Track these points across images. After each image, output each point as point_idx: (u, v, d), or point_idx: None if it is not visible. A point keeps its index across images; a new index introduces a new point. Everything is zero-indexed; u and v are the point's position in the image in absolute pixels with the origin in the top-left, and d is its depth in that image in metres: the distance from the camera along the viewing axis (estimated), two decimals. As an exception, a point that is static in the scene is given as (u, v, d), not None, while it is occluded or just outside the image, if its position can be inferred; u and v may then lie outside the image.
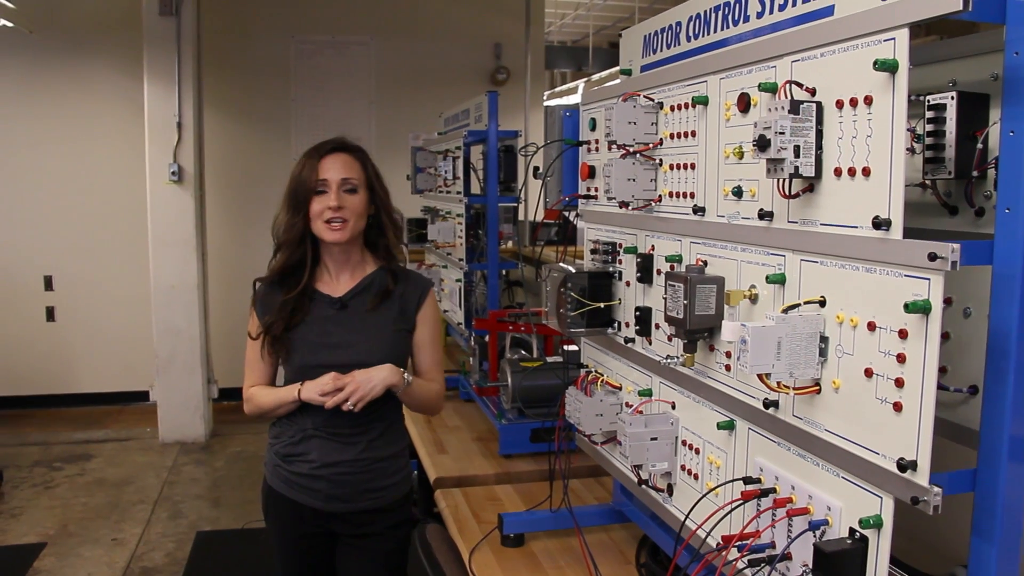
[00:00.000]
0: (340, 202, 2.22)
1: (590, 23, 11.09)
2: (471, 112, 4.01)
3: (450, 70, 7.37)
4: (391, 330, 2.33)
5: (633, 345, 1.95)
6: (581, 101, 2.25)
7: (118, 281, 7.01)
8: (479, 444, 3.15)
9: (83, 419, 6.87)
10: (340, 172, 2.24)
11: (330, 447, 2.28)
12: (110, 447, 6.28)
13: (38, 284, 7.04)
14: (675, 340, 1.75)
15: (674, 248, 1.75)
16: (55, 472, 5.74)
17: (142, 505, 5.19)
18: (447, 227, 3.96)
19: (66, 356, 7.12)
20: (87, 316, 7.10)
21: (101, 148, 6.93)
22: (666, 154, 1.79)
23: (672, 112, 1.76)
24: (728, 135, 1.55)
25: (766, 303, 1.44)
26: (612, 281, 2.04)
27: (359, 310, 2.32)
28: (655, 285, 1.84)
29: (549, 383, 3.02)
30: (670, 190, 1.77)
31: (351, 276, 2.36)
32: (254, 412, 2.36)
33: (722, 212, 1.57)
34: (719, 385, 1.60)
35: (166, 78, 6.04)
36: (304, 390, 2.22)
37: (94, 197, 6.98)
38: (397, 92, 7.28)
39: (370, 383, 2.19)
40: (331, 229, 2.23)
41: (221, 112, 6.90)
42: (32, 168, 6.89)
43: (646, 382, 1.91)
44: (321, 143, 2.29)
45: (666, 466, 1.77)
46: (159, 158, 6.09)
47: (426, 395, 2.38)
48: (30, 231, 6.94)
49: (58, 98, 6.84)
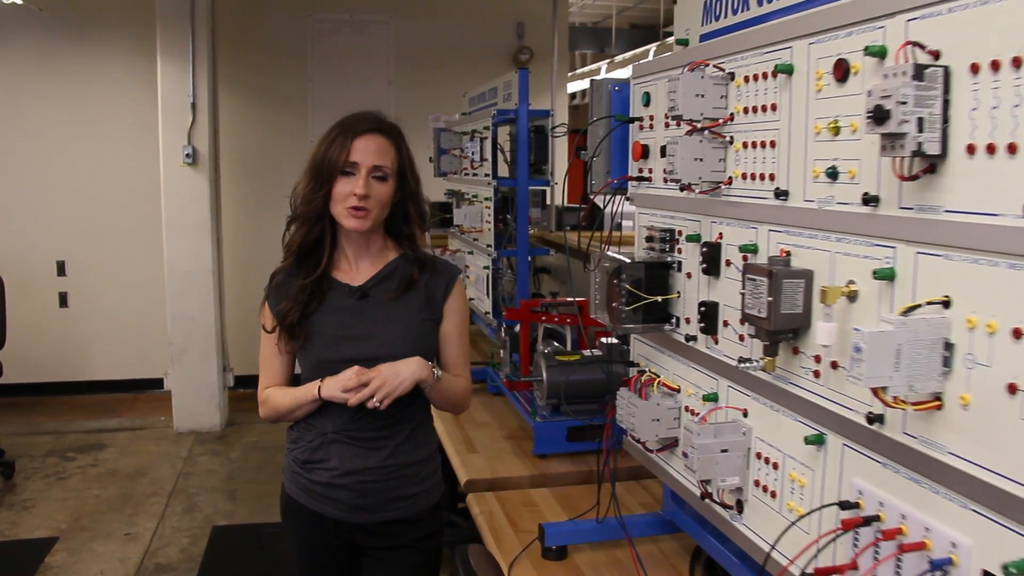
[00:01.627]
0: (367, 190, 2.02)
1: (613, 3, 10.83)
2: (499, 91, 3.81)
3: (471, 50, 7.17)
4: (417, 320, 2.14)
5: (695, 344, 1.76)
6: (632, 74, 2.05)
7: (132, 267, 6.86)
8: (511, 443, 2.97)
9: (97, 407, 6.75)
10: (373, 158, 2.04)
11: (352, 453, 2.09)
12: (124, 436, 6.14)
13: (51, 270, 6.90)
14: (748, 340, 1.56)
15: (748, 236, 1.55)
16: (68, 462, 5.61)
17: (156, 498, 5.04)
18: (474, 211, 3.76)
19: (79, 343, 6.99)
20: (100, 302, 6.96)
21: (114, 130, 6.76)
22: (738, 131, 1.59)
23: (746, 83, 1.56)
24: (819, 108, 1.35)
25: (868, 302, 1.24)
26: (670, 272, 1.84)
27: (381, 299, 2.13)
28: (723, 278, 1.64)
29: (587, 378, 2.83)
30: (743, 171, 1.57)
31: (371, 263, 2.16)
32: (270, 415, 2.18)
33: (811, 196, 1.37)
34: (805, 393, 1.40)
35: (180, 57, 5.86)
36: (325, 387, 2.03)
37: (107, 180, 6.82)
38: (417, 72, 7.08)
39: (398, 377, 2.00)
40: (352, 216, 2.04)
41: (236, 93, 6.73)
42: (43, 151, 6.73)
43: (711, 385, 1.72)
44: (356, 119, 2.08)
45: (736, 481, 1.58)
46: (173, 140, 5.92)
47: (454, 392, 2.19)
48: (42, 215, 6.80)
49: (69, 78, 6.68)
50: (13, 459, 5.44)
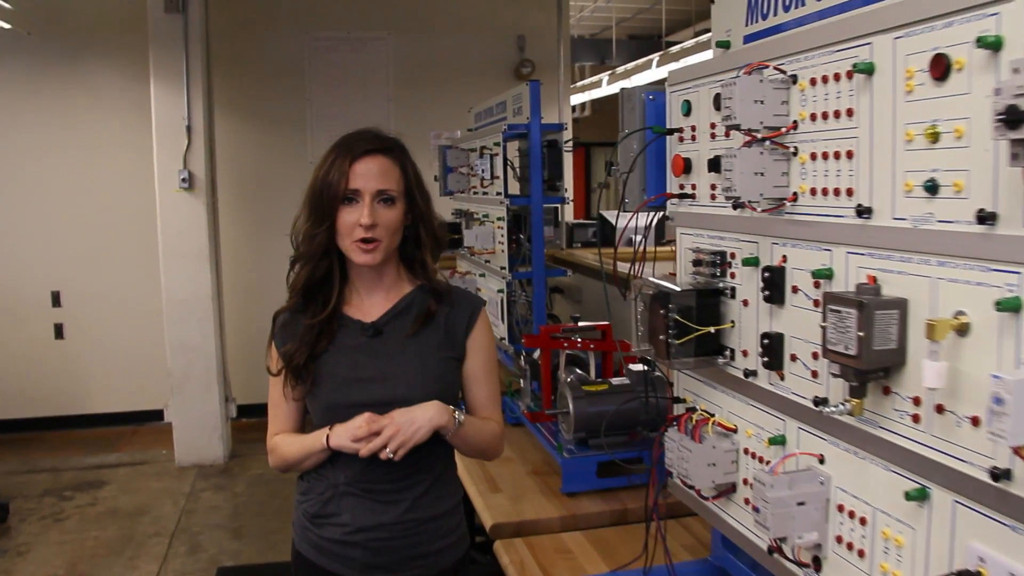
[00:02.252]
0: (374, 218, 1.83)
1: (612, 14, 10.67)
2: (508, 104, 3.63)
3: (472, 65, 7.01)
4: (436, 359, 1.95)
5: (756, 379, 1.57)
6: (668, 82, 1.87)
7: (129, 295, 6.67)
8: (536, 479, 2.78)
9: (95, 442, 6.54)
10: (376, 181, 1.85)
11: (366, 507, 1.90)
12: (124, 472, 5.93)
13: (45, 300, 6.71)
14: (824, 377, 1.37)
15: (821, 260, 1.37)
16: (65, 502, 5.39)
17: (158, 538, 4.83)
18: (485, 232, 3.58)
19: (76, 375, 6.79)
20: (97, 333, 6.76)
21: (107, 155, 6.59)
22: (803, 140, 1.41)
23: (812, 87, 1.38)
24: (911, 112, 1.17)
25: (983, 337, 1.06)
26: (721, 300, 1.66)
27: (396, 336, 1.94)
28: (789, 306, 1.46)
29: (616, 409, 2.64)
30: (811, 186, 1.39)
31: (385, 297, 1.98)
32: (279, 465, 1.99)
33: (902, 213, 1.19)
34: (901, 440, 1.21)
35: (174, 79, 5.68)
36: (333, 435, 1.85)
37: (102, 207, 6.64)
38: (417, 89, 6.92)
39: (413, 425, 1.80)
40: (362, 250, 1.85)
41: (233, 114, 6.55)
42: (34, 177, 6.56)
43: (776, 426, 1.53)
44: (353, 138, 1.90)
45: (815, 537, 1.39)
46: (168, 164, 5.74)
47: (482, 437, 1.99)
48: (35, 244, 6.61)
49: (60, 103, 6.50)
50: (7, 500, 5.23)
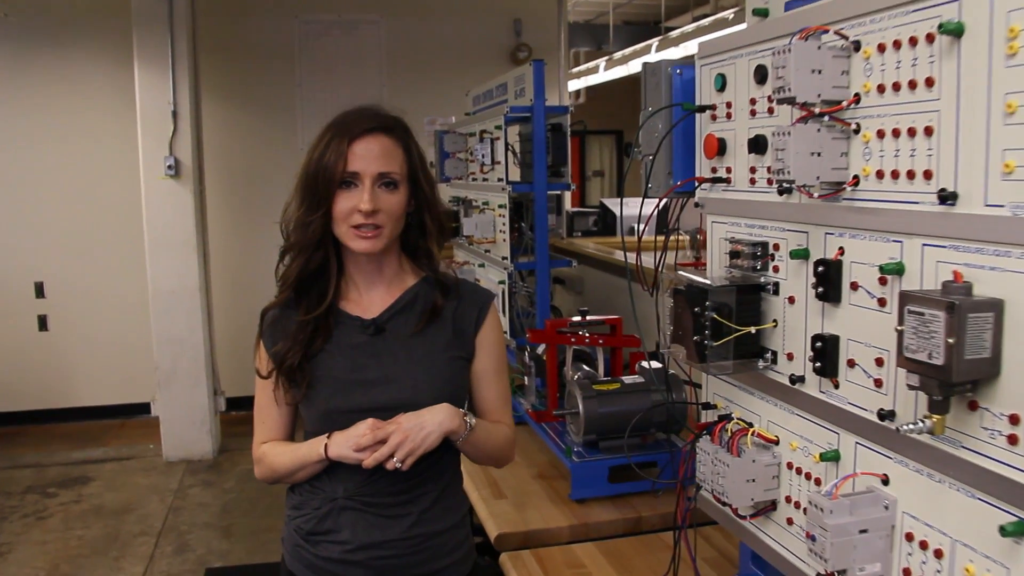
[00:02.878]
0: (375, 203, 1.65)
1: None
2: (509, 86, 3.45)
3: (467, 49, 6.80)
4: (444, 358, 1.78)
5: (803, 387, 1.40)
6: (698, 54, 1.69)
7: (115, 286, 6.47)
8: (542, 484, 2.61)
9: (81, 436, 6.34)
10: (377, 163, 1.67)
11: (368, 522, 1.73)
12: (110, 468, 5.74)
13: (28, 291, 6.49)
14: (889, 386, 1.20)
15: (889, 253, 1.19)
16: (49, 499, 5.21)
17: (144, 537, 4.65)
18: (485, 220, 3.40)
19: (61, 368, 6.58)
20: (83, 324, 6.55)
21: (91, 141, 6.35)
22: (867, 115, 1.23)
23: (880, 54, 1.20)
24: (1013, 79, 0.99)
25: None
26: (762, 296, 1.48)
27: (400, 334, 1.77)
28: (847, 305, 1.28)
29: (628, 409, 2.47)
30: (877, 168, 1.21)
31: (386, 291, 1.80)
32: (267, 477, 1.81)
33: (999, 199, 1.01)
34: (993, 464, 1.04)
35: (159, 62, 5.46)
36: (333, 445, 1.67)
37: (86, 195, 6.41)
38: (411, 74, 6.70)
39: (422, 430, 1.63)
40: (360, 237, 1.67)
41: (220, 99, 6.33)
42: (15, 165, 6.32)
43: (827, 440, 1.36)
44: (351, 116, 1.72)
45: (878, 568, 1.22)
46: (154, 151, 5.53)
47: (494, 442, 1.82)
48: (17, 234, 6.38)
49: (41, 88, 6.26)
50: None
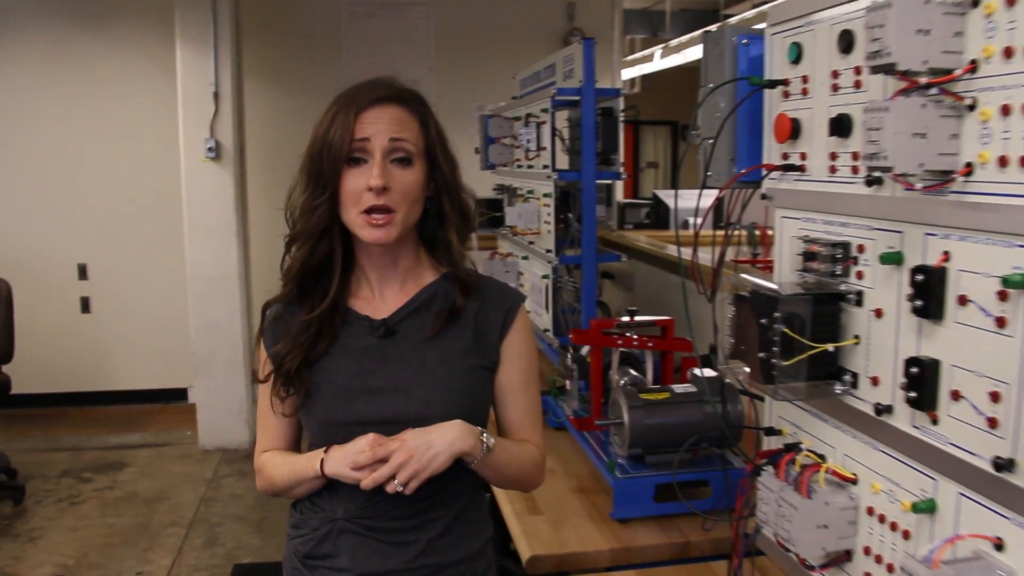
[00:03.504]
0: (386, 179, 1.44)
1: (667, -15, 10.12)
2: (558, 67, 3.22)
3: (518, 33, 6.57)
4: (462, 366, 1.56)
5: (890, 418, 1.16)
6: (770, 20, 1.45)
7: (157, 269, 6.39)
8: (582, 498, 2.39)
9: (120, 420, 6.29)
10: (388, 129, 1.47)
11: (369, 549, 1.52)
12: (145, 454, 5.66)
13: (72, 273, 6.45)
14: (1008, 428, 0.96)
15: (1012, 261, 0.95)
16: (84, 484, 5.14)
17: (174, 528, 4.54)
18: (530, 210, 3.18)
19: (103, 350, 6.54)
20: (125, 308, 6.49)
21: (135, 122, 6.27)
22: (986, 87, 0.99)
23: (1007, 7, 0.95)
24: None
25: None
26: (841, 307, 1.24)
27: (413, 338, 1.56)
28: (952, 323, 1.04)
29: (678, 422, 2.24)
30: (999, 153, 0.97)
31: (400, 288, 1.59)
32: (267, 489, 1.63)
33: None
34: None
35: (201, 42, 5.33)
36: (329, 460, 1.47)
37: (129, 177, 6.35)
38: (459, 58, 6.51)
39: (429, 450, 1.42)
40: (371, 224, 1.46)
41: (263, 81, 6.20)
42: (59, 147, 6.27)
43: (921, 486, 1.12)
44: (360, 87, 1.52)
45: (985, 652, 0.99)
46: (194, 132, 5.40)
47: (518, 465, 1.60)
48: (61, 214, 6.34)
49: (85, 69, 6.19)
50: (25, 481, 5.00)
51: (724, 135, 1.49)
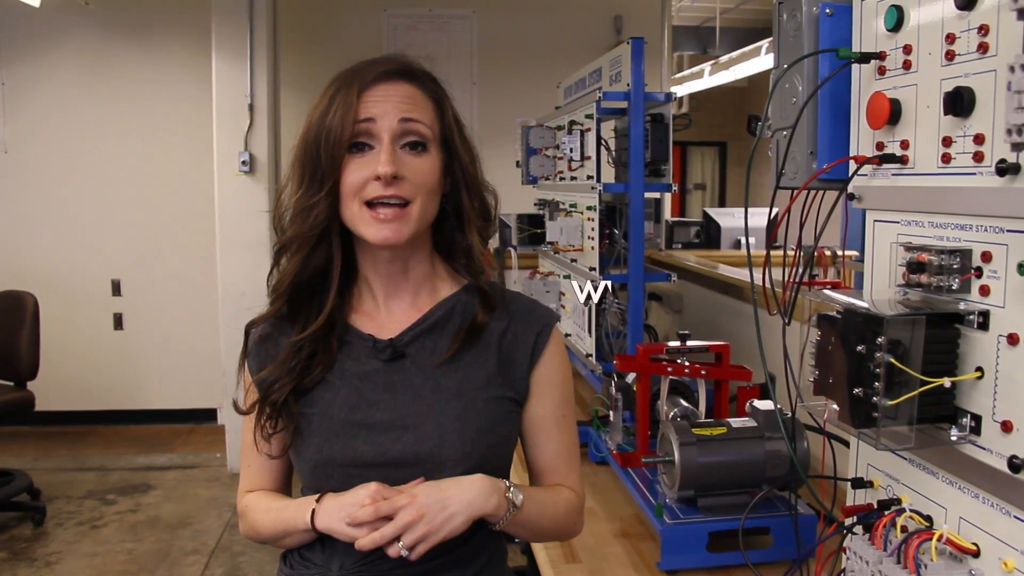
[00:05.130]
0: (396, 166, 1.21)
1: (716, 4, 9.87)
2: (604, 72, 2.99)
3: (564, 47, 6.36)
4: (483, 398, 1.31)
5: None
6: (861, -16, 1.20)
7: (190, 286, 6.27)
8: (625, 544, 2.12)
9: (150, 439, 6.16)
10: (397, 107, 1.24)
11: None
12: (172, 476, 5.50)
13: (106, 288, 6.36)
14: None
15: None
16: (107, 507, 4.97)
17: (195, 556, 4.34)
18: (572, 225, 2.93)
19: (135, 368, 6.42)
20: (157, 325, 6.38)
21: (171, 136, 6.18)
22: None
23: None
24: None
25: None
26: (960, 332, 0.98)
27: (425, 362, 1.31)
28: None
29: (735, 460, 1.97)
30: None
31: (412, 302, 1.35)
32: (251, 536, 1.39)
33: None
34: None
35: (237, 53, 5.21)
36: (322, 512, 1.23)
37: (164, 191, 6.24)
38: (503, 72, 6.33)
39: (444, 510, 1.18)
40: (378, 220, 1.23)
41: (300, 93, 6.03)
42: (95, 160, 6.19)
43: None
44: (364, 63, 1.29)
45: None
46: (228, 145, 5.26)
47: (551, 519, 1.35)
48: (97, 229, 6.26)
49: (121, 81, 6.11)
50: (48, 502, 4.87)
51: (802, 124, 1.24)
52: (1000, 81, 0.89)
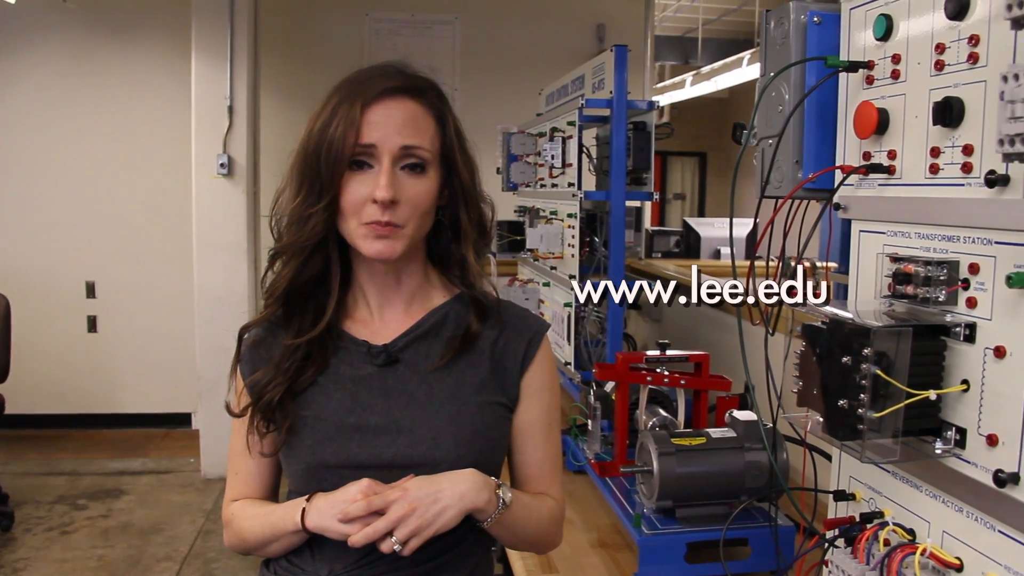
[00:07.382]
0: (395, 191, 1.21)
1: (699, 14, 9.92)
2: (586, 79, 2.98)
3: (546, 54, 6.37)
4: (475, 403, 1.31)
5: (1015, 490, 0.89)
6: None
7: (165, 289, 6.19)
8: (602, 555, 2.10)
9: (122, 444, 6.06)
10: (399, 134, 1.23)
11: None
12: (145, 481, 5.42)
13: (80, 290, 6.26)
14: None
15: None
16: (77, 512, 4.89)
17: (167, 563, 4.28)
18: (552, 232, 2.92)
19: (109, 371, 6.33)
20: (132, 328, 6.29)
21: (148, 137, 6.10)
22: None
23: None
24: None
25: None
26: (945, 344, 0.97)
27: (419, 368, 1.32)
28: (1117, 367, 0.77)
29: (714, 471, 1.96)
30: None
31: (405, 310, 1.36)
32: (236, 546, 1.37)
33: None
34: None
35: (217, 55, 5.15)
36: (313, 511, 1.22)
37: (141, 192, 6.16)
38: (485, 79, 6.30)
39: (436, 503, 1.17)
40: (376, 238, 1.23)
41: (280, 96, 6.01)
42: (71, 161, 6.10)
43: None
44: (367, 74, 1.29)
45: None
46: (207, 148, 5.20)
47: (535, 524, 1.35)
48: (71, 230, 6.16)
49: (98, 81, 6.03)
50: (15, 507, 4.77)
51: (788, 133, 1.23)
52: (991, 92, 0.88)
